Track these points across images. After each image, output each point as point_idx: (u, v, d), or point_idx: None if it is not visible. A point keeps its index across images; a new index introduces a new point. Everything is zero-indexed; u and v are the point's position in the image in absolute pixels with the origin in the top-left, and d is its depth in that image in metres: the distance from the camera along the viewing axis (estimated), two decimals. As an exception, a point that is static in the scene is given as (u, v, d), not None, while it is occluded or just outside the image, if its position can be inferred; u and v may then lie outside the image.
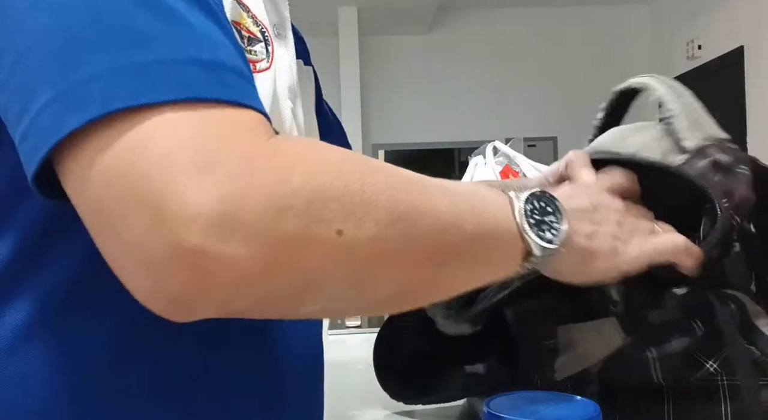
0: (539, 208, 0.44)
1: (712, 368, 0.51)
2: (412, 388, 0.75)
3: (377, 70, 5.95)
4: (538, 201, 0.45)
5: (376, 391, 0.76)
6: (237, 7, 0.47)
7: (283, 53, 0.54)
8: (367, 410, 0.84)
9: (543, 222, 0.44)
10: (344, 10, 5.26)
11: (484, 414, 0.38)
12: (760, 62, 4.36)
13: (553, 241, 0.44)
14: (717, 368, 0.51)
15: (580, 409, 0.39)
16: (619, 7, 5.90)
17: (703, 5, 4.94)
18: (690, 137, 0.55)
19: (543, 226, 0.44)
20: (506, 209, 0.44)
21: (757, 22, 4.35)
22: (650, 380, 0.51)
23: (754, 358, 0.51)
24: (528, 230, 0.43)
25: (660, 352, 0.51)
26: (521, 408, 0.39)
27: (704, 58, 4.96)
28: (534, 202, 0.44)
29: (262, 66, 0.49)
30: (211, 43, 0.36)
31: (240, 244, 0.32)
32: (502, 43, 6.03)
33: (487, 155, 1.33)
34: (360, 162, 0.37)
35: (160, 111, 0.33)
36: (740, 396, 0.50)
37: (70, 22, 0.34)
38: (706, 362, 0.52)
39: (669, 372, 0.51)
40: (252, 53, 0.48)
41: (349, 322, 1.50)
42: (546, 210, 0.45)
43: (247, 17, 0.49)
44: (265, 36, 0.50)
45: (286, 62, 0.54)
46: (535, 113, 5.96)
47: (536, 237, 0.43)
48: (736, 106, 4.55)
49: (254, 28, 0.49)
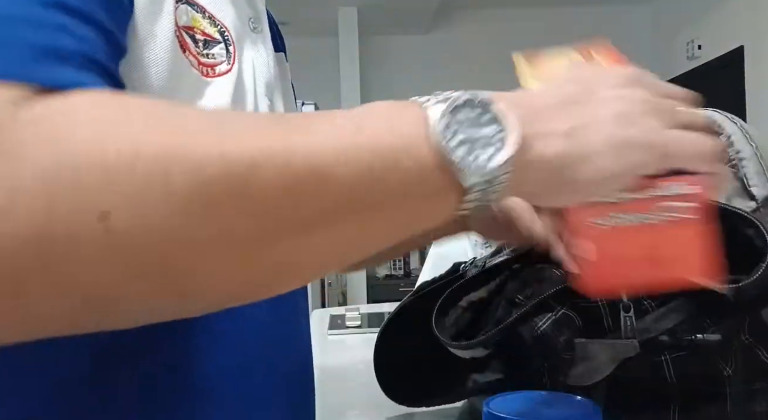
0: (468, 120, 0.32)
1: (726, 373, 0.51)
2: (414, 392, 0.74)
3: (377, 70, 5.94)
4: (464, 109, 0.32)
5: (376, 392, 0.75)
6: (189, 10, 0.45)
7: (260, 48, 0.52)
8: (366, 410, 0.84)
9: (475, 139, 0.31)
10: (344, 10, 5.25)
11: (484, 414, 0.38)
12: (760, 62, 4.36)
13: (493, 158, 0.31)
14: (731, 373, 0.51)
15: (580, 409, 0.39)
16: (619, 7, 5.89)
17: (703, 5, 4.93)
18: (760, 184, 0.53)
19: (476, 144, 0.31)
20: (415, 128, 0.31)
21: (757, 22, 4.35)
22: (663, 379, 0.50)
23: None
24: (451, 153, 0.31)
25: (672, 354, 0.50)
26: (521, 408, 0.39)
27: (704, 58, 4.96)
28: (459, 112, 0.32)
29: (222, 69, 0.46)
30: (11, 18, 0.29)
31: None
32: (502, 43, 6.00)
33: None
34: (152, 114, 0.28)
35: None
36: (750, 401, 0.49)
37: None
38: (725, 368, 0.51)
39: (682, 372, 0.50)
40: (209, 57, 0.46)
41: (349, 322, 1.50)
42: (480, 120, 0.32)
43: (203, 19, 0.46)
44: (225, 36, 0.48)
45: (262, 57, 0.52)
46: (535, 113, 5.95)
47: (467, 161, 0.31)
48: (736, 106, 4.54)
49: (211, 29, 0.47)
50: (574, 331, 0.55)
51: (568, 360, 0.56)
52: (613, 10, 5.91)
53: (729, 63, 4.64)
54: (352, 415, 0.84)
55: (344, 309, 1.69)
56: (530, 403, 0.40)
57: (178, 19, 0.43)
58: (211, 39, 0.46)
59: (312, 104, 3.94)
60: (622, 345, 0.51)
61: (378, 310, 1.79)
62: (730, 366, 0.50)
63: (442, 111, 0.32)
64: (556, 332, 0.55)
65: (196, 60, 0.44)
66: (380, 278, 5.33)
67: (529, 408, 0.39)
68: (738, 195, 0.54)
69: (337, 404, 0.89)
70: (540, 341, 0.55)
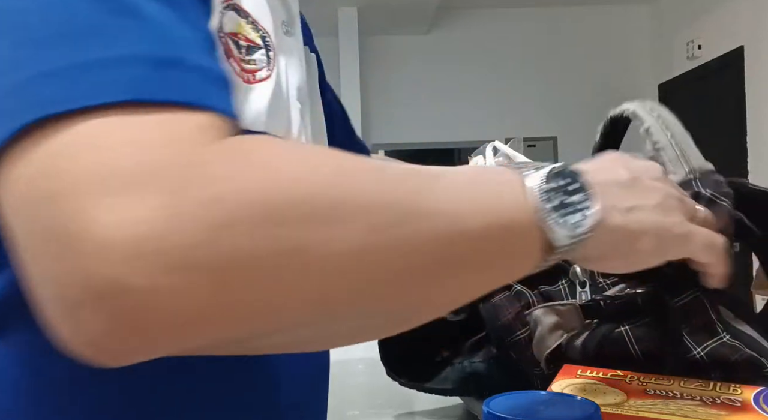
0: (559, 187, 0.36)
1: (699, 356, 0.52)
2: (412, 370, 0.75)
3: (377, 70, 5.95)
4: (556, 178, 0.36)
5: (377, 391, 0.75)
6: (235, 17, 0.44)
7: (292, 51, 0.51)
8: (367, 410, 0.84)
9: (566, 204, 0.36)
10: (344, 10, 5.26)
11: (484, 414, 0.38)
12: (760, 62, 4.36)
13: (581, 223, 0.36)
14: (704, 357, 0.52)
15: (580, 409, 0.39)
16: (619, 7, 5.90)
17: (703, 5, 4.94)
18: (676, 170, 0.56)
19: (567, 209, 0.36)
20: (516, 194, 0.35)
21: (757, 22, 4.35)
22: (628, 354, 0.52)
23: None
24: (547, 216, 0.35)
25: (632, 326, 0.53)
26: (521, 408, 0.39)
27: (704, 58, 4.97)
28: (552, 180, 0.36)
29: (262, 75, 0.46)
30: (167, 37, 0.32)
31: (167, 276, 0.26)
32: (502, 43, 6.03)
33: (487, 155, 1.33)
34: (332, 162, 0.31)
35: (86, 118, 0.28)
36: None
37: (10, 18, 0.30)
38: (695, 348, 0.52)
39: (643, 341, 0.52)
40: (251, 63, 0.45)
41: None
42: (568, 189, 0.36)
43: (246, 24, 0.46)
44: (266, 41, 0.47)
45: (295, 60, 0.51)
46: (535, 113, 5.96)
47: (559, 223, 0.35)
48: (736, 106, 4.55)
49: (254, 34, 0.46)
50: (525, 305, 0.58)
51: (525, 338, 0.58)
52: (613, 10, 5.92)
53: (729, 63, 4.64)
54: (352, 415, 0.84)
55: (344, 309, 1.69)
56: (530, 403, 0.40)
57: (224, 26, 0.43)
58: (253, 44, 0.46)
59: (312, 104, 3.94)
60: (563, 306, 0.54)
61: (378, 310, 1.78)
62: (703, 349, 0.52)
63: (541, 178, 0.36)
64: (506, 304, 0.59)
65: (239, 66, 0.44)
66: (380, 278, 5.33)
67: (529, 408, 0.39)
68: None
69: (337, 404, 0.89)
70: (490, 313, 0.59)
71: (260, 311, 0.28)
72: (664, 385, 0.46)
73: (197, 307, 0.27)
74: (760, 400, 0.44)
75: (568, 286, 0.58)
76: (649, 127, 0.59)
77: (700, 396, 0.44)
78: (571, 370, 0.50)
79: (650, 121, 0.59)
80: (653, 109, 0.60)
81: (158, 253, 0.25)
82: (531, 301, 0.59)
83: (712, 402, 0.43)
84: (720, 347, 0.52)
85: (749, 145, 4.44)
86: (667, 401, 0.44)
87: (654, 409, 0.42)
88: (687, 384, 0.47)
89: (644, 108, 0.60)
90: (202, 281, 0.26)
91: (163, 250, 0.25)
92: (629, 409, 0.42)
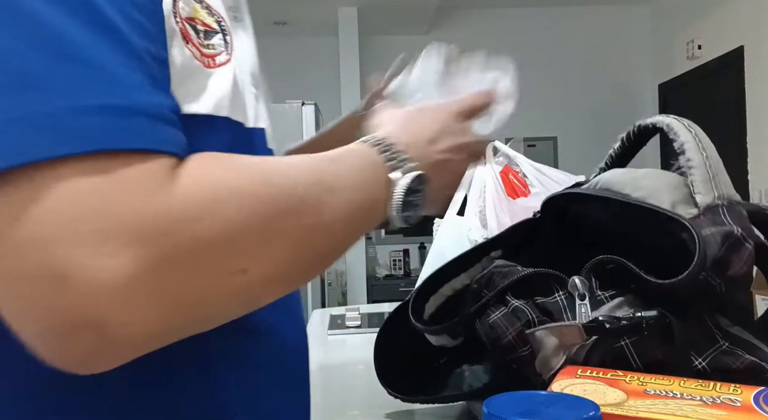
0: (413, 191, 0.52)
1: (701, 366, 0.52)
2: (412, 384, 0.75)
3: (377, 70, 5.95)
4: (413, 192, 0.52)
5: (377, 392, 0.75)
6: (190, 1, 0.45)
7: (242, 37, 0.52)
8: (366, 410, 0.84)
9: (410, 204, 0.52)
10: (344, 10, 5.25)
11: (484, 414, 0.38)
12: (760, 62, 4.36)
13: (411, 217, 0.53)
14: (706, 367, 0.52)
15: (580, 409, 0.39)
16: (619, 7, 5.89)
17: (703, 5, 4.94)
18: (705, 192, 0.55)
19: (408, 209, 0.52)
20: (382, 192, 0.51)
21: (757, 22, 4.35)
22: (629, 366, 0.52)
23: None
24: (396, 214, 0.52)
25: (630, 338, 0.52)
26: (521, 408, 0.39)
27: (704, 58, 4.96)
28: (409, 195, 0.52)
29: (222, 59, 0.47)
30: (121, 84, 0.34)
31: (144, 310, 0.33)
32: (502, 43, 6.01)
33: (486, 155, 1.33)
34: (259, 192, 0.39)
35: (55, 168, 0.31)
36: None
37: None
38: (696, 359, 0.52)
39: (644, 354, 0.52)
40: (209, 47, 0.46)
41: (349, 322, 1.50)
42: (416, 192, 0.52)
43: (202, 9, 0.46)
44: (222, 26, 0.48)
45: (246, 46, 0.52)
46: (535, 113, 5.95)
47: (402, 217, 0.52)
48: (736, 106, 4.55)
49: (210, 19, 0.46)
50: (526, 323, 0.57)
51: (528, 355, 0.57)
52: (612, 10, 5.91)
53: (729, 63, 4.64)
54: (352, 415, 0.84)
55: (344, 309, 1.69)
56: (530, 403, 0.40)
57: (181, 11, 0.43)
58: (210, 29, 0.46)
59: (312, 104, 3.94)
60: (566, 328, 0.53)
61: (378, 310, 1.79)
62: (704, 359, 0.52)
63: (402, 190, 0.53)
64: (506, 324, 0.58)
65: (198, 51, 0.44)
66: (380, 278, 5.34)
67: (529, 408, 0.39)
68: (684, 201, 0.56)
69: (337, 404, 0.89)
70: (490, 333, 0.58)
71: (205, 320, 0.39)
72: (664, 385, 0.46)
73: (160, 328, 0.35)
74: (760, 400, 0.43)
75: (565, 298, 0.56)
76: (685, 143, 0.57)
77: (700, 396, 0.44)
78: (571, 370, 0.50)
79: (687, 138, 0.57)
80: (691, 125, 0.59)
81: (135, 294, 0.32)
82: (531, 320, 0.57)
83: (712, 402, 0.43)
84: (721, 355, 0.52)
85: (749, 145, 4.44)
86: (667, 401, 0.44)
87: (654, 409, 0.42)
88: (687, 384, 0.47)
89: (681, 123, 0.59)
90: (166, 309, 0.34)
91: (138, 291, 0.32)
92: (629, 409, 0.42)
